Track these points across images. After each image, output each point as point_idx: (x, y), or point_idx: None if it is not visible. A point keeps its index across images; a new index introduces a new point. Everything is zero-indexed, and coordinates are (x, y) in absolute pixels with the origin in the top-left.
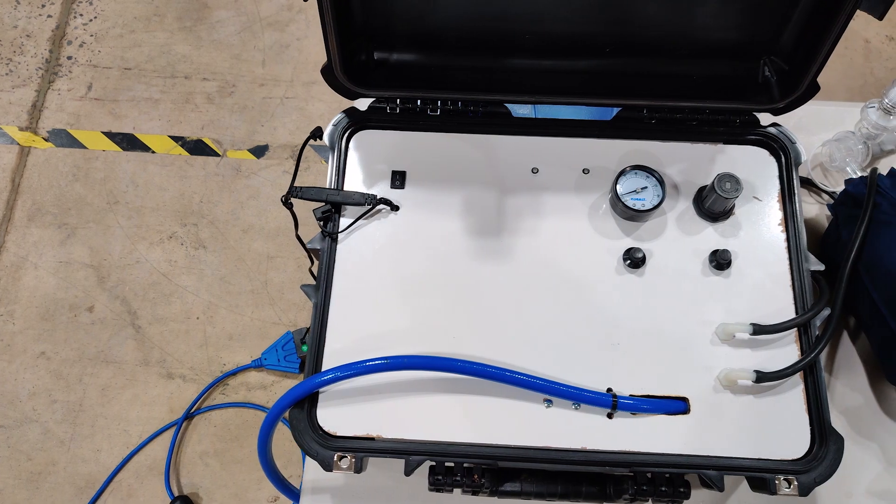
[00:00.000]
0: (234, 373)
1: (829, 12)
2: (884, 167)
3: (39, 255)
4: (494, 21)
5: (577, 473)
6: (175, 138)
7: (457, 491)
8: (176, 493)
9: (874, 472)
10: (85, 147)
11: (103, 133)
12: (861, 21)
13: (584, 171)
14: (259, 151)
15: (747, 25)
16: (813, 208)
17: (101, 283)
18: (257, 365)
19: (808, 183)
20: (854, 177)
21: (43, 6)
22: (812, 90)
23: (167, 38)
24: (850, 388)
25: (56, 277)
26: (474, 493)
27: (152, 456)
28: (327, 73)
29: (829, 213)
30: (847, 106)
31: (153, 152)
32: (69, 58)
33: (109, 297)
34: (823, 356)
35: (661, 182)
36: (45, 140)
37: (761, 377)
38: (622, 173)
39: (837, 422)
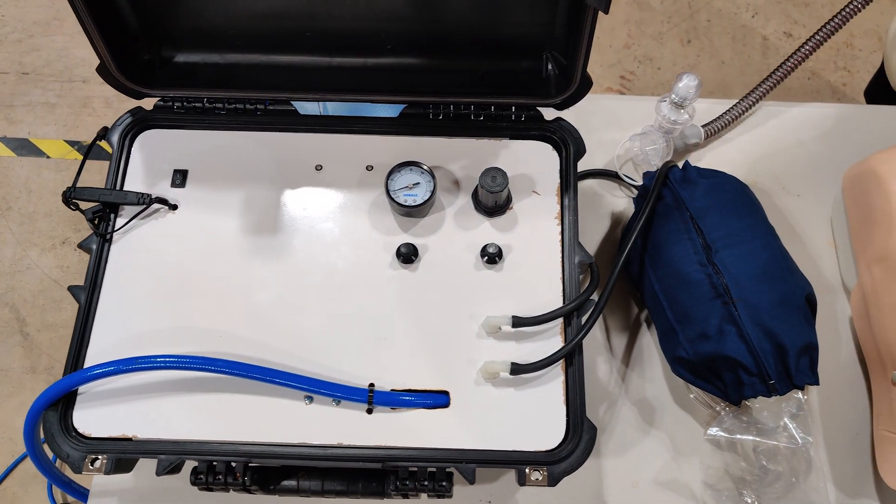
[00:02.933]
0: None
1: (578, 6)
2: (692, 161)
3: None
4: (273, 19)
5: (356, 470)
6: (71, 143)
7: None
8: (59, 502)
9: (662, 462)
10: None
11: None
12: (760, 19)
13: (367, 167)
14: None
15: (527, 20)
16: (622, 202)
17: None
18: None
19: (614, 176)
20: (653, 170)
21: None
22: (585, 84)
23: (66, 41)
24: (644, 378)
25: None
26: (248, 491)
27: None
28: (103, 72)
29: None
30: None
31: (48, 157)
32: None
33: None
34: (621, 347)
35: (433, 177)
36: None
37: (516, 369)
38: (394, 170)
39: (630, 412)
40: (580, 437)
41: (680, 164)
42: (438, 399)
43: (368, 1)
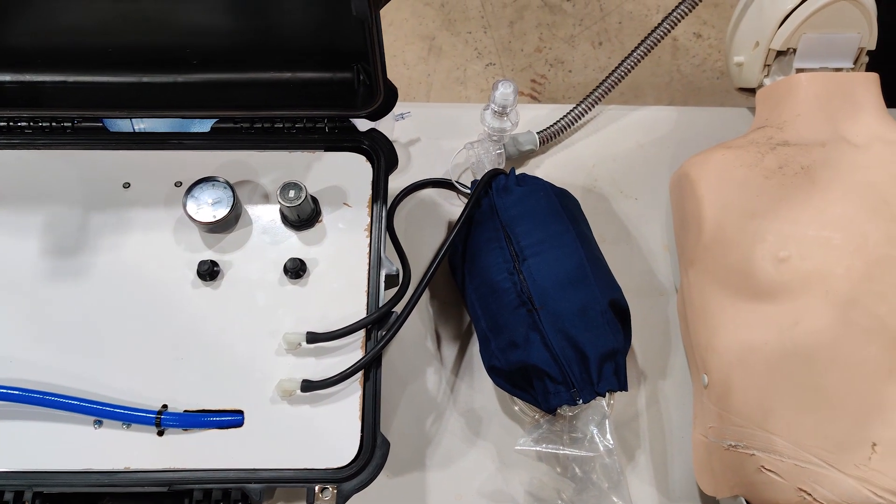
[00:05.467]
0: None
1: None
2: (530, 168)
3: None
4: (69, 35)
5: (163, 493)
6: None
7: None
8: None
9: (487, 473)
10: None
11: None
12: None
13: (176, 183)
14: None
15: (333, 32)
16: (459, 210)
17: None
18: None
19: (450, 185)
20: None
21: None
22: (391, 96)
23: None
24: (472, 388)
25: None
26: None
27: None
28: None
29: None
30: None
31: None
32: None
33: None
34: (451, 357)
35: (233, 192)
36: None
37: (307, 386)
38: (193, 186)
39: (457, 423)
40: (372, 453)
41: (528, 172)
42: (231, 418)
43: (161, 17)
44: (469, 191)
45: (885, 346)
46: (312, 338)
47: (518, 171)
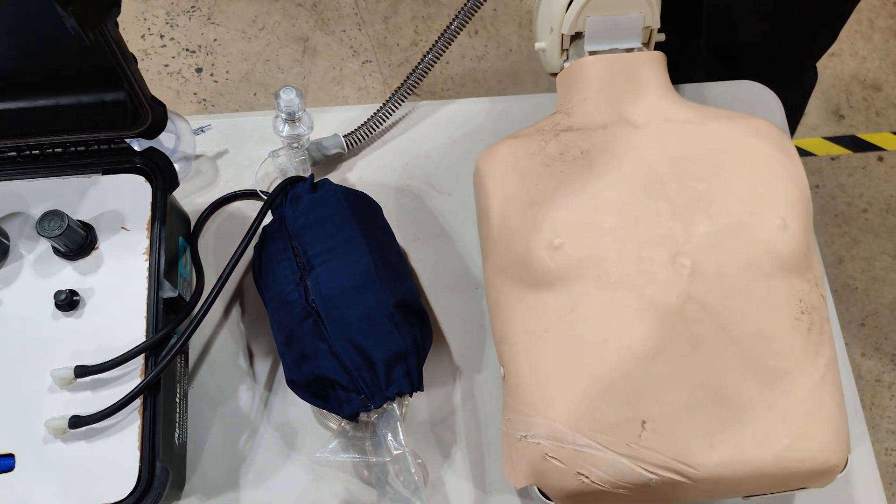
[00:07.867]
0: None
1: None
2: (341, 171)
3: None
4: None
5: None
6: None
7: None
8: None
9: (302, 486)
10: None
11: None
12: None
13: None
14: None
15: (96, 51)
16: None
17: None
18: None
19: (255, 196)
20: None
21: None
22: (160, 113)
23: None
24: (286, 402)
25: None
26: None
27: None
28: None
29: None
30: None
31: None
32: None
33: None
34: (265, 372)
35: None
36: None
37: (76, 422)
38: None
39: (271, 439)
40: (150, 483)
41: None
42: (1, 464)
43: None
44: None
45: (653, 325)
46: (82, 371)
47: (327, 176)
